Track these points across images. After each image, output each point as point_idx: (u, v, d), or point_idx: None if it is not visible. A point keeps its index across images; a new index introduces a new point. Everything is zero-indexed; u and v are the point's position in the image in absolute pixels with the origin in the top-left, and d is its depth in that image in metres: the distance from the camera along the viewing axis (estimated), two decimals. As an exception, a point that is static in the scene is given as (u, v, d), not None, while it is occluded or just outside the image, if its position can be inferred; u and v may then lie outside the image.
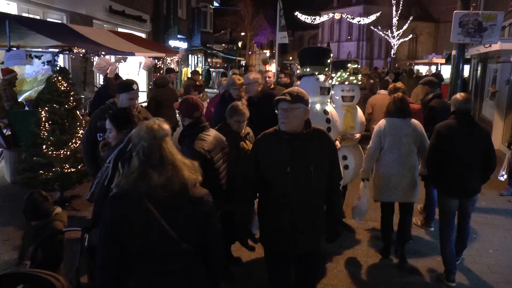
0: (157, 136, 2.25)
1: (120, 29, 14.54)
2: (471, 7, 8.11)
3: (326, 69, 5.35)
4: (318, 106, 5.11)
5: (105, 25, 14.01)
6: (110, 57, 10.23)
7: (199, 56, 30.07)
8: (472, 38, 6.77)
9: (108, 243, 2.23)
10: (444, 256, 4.78)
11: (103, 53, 8.98)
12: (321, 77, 5.22)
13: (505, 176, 7.88)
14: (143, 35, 16.94)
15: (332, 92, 5.65)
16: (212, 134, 3.92)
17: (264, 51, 57.95)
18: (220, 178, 3.91)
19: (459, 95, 4.78)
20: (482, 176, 4.79)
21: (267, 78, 7.62)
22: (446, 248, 4.76)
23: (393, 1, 43.86)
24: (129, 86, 4.55)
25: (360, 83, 5.83)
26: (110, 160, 3.06)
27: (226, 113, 4.37)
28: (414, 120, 5.05)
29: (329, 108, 5.27)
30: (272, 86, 7.62)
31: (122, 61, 11.16)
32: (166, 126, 2.32)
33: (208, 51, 30.68)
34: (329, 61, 5.41)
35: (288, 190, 3.10)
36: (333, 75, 5.67)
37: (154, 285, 2.26)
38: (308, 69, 5.33)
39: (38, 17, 10.63)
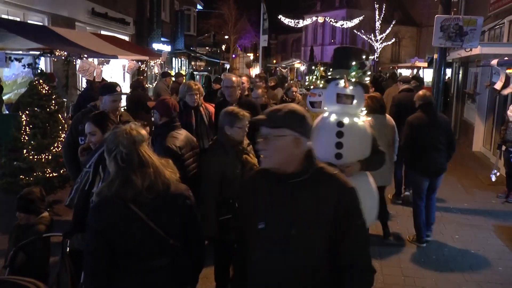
0: (136, 141, 2.28)
1: (103, 32, 14.40)
2: (452, 12, 8.23)
3: (354, 73, 4.30)
4: (332, 117, 4.00)
5: (87, 28, 13.88)
6: (93, 60, 10.13)
7: (182, 59, 29.96)
8: (453, 42, 6.88)
9: (96, 251, 2.25)
10: (417, 224, 5.78)
11: (85, 56, 8.89)
12: (342, 82, 4.08)
13: (498, 174, 8.07)
14: (126, 38, 16.81)
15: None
16: (183, 133, 4.05)
17: (248, 54, 58.01)
18: (189, 176, 3.92)
19: (421, 92, 5.85)
20: (447, 156, 5.75)
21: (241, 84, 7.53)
22: (420, 217, 5.75)
23: (376, 5, 44.30)
24: (112, 88, 4.55)
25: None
26: (90, 164, 3.04)
27: (223, 122, 3.77)
28: (388, 115, 5.99)
29: (349, 121, 3.95)
30: (247, 93, 7.39)
31: (105, 63, 11.06)
32: (143, 131, 2.36)
33: (192, 54, 30.58)
34: (356, 63, 4.44)
35: (257, 256, 2.15)
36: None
37: (143, 281, 2.30)
38: (330, 73, 4.55)
39: (18, 19, 10.47)
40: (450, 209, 7.31)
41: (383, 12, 43.87)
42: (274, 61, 57.80)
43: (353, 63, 4.29)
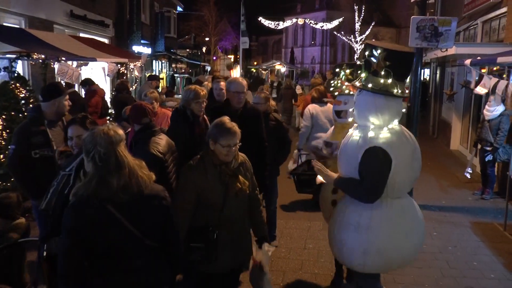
0: (113, 141, 2.30)
1: (82, 34, 14.24)
2: (428, 13, 8.38)
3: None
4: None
5: (66, 30, 13.71)
6: (72, 62, 10.04)
7: (163, 61, 29.82)
8: (429, 43, 6.99)
9: (71, 252, 2.26)
10: None
11: (63, 58, 8.80)
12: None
13: (471, 172, 8.22)
14: (106, 40, 16.65)
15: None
16: (164, 138, 3.96)
17: (229, 56, 58.01)
18: (171, 181, 3.87)
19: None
20: None
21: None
22: None
23: (355, 7, 44.74)
24: (61, 88, 4.45)
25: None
26: (71, 168, 3.02)
27: (209, 135, 3.33)
28: (329, 105, 6.10)
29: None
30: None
31: (83, 66, 10.96)
32: (120, 132, 2.38)
33: (172, 57, 30.45)
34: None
35: None
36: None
37: (119, 281, 2.32)
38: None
39: (-6, 22, 10.31)
40: (429, 206, 7.44)
41: (363, 13, 44.34)
42: (255, 63, 57.92)
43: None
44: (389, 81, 3.32)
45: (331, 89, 5.03)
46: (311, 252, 5.63)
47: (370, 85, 3.35)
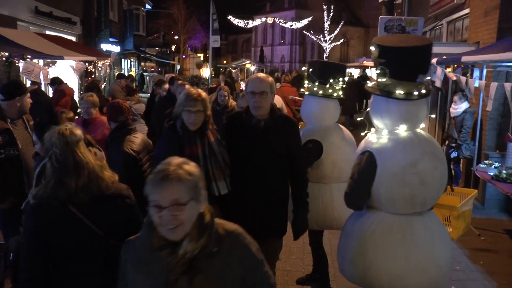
0: (69, 142, 2.27)
1: (47, 32, 13.91)
2: (395, 13, 8.55)
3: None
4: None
5: (31, 27, 13.37)
6: (38, 61, 9.81)
7: (132, 60, 29.48)
8: (397, 42, 7.15)
9: (33, 255, 2.23)
10: None
11: (29, 56, 8.59)
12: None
13: None
14: (73, 38, 16.33)
15: None
16: (139, 136, 3.95)
17: (198, 54, 57.71)
18: (146, 180, 3.85)
19: None
20: None
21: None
22: None
23: (324, 6, 45.20)
24: (24, 86, 4.37)
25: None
26: (36, 171, 3.01)
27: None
28: None
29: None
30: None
31: (51, 65, 10.72)
32: (78, 131, 2.34)
33: (142, 55, 30.12)
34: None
35: None
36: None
37: (86, 283, 2.29)
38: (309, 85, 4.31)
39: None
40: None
41: (332, 13, 44.83)
42: (225, 62, 57.79)
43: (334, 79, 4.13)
44: (384, 79, 2.97)
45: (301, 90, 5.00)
46: (283, 250, 5.67)
47: (370, 84, 3.13)
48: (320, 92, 4.14)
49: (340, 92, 4.26)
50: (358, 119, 3.93)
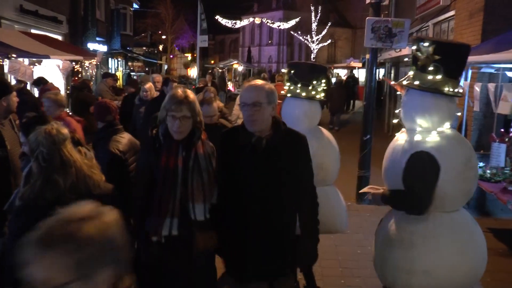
0: (56, 141, 2.26)
1: (33, 31, 13.77)
2: (382, 15, 8.63)
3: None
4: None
5: (15, 26, 13.21)
6: (23, 60, 9.71)
7: (119, 59, 29.25)
8: (384, 43, 7.21)
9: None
10: None
11: (14, 55, 8.50)
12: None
13: None
14: (60, 37, 16.18)
15: None
16: (126, 136, 3.92)
17: (186, 54, 57.51)
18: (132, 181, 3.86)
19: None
20: None
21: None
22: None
23: (312, 7, 45.36)
24: (8, 84, 4.32)
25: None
26: (24, 171, 2.98)
27: None
28: None
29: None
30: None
31: (36, 64, 10.62)
32: (64, 130, 2.34)
33: (129, 55, 29.93)
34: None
35: None
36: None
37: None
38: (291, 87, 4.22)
39: None
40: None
41: (319, 14, 45.01)
42: (212, 62, 57.68)
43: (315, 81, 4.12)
44: (438, 77, 2.91)
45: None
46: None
47: (416, 82, 2.98)
48: (303, 94, 4.08)
49: (322, 94, 4.23)
50: (394, 121, 3.70)
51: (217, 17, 40.14)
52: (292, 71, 4.20)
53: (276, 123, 2.81)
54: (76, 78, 12.33)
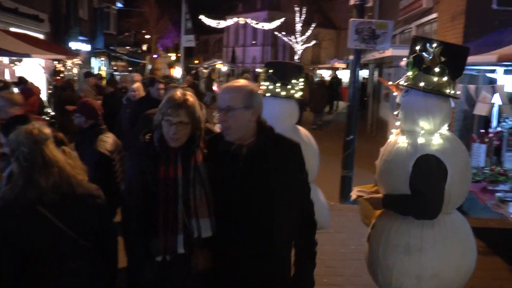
0: (37, 140, 2.24)
1: (13, 29, 13.55)
2: (366, 16, 8.70)
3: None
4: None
5: (-5, 24, 13.03)
6: (2, 58, 9.58)
7: (102, 59, 28.99)
8: (367, 45, 7.28)
9: (3, 258, 2.18)
10: None
11: (-7, 54, 8.40)
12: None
13: None
14: (41, 36, 15.97)
15: None
16: (111, 136, 3.90)
17: (170, 54, 57.21)
18: (118, 181, 3.81)
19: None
20: None
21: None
22: None
23: (296, 8, 45.48)
24: None
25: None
26: (6, 172, 2.95)
27: None
28: None
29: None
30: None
31: (16, 63, 10.48)
32: (46, 130, 2.32)
33: (112, 54, 29.69)
34: None
35: None
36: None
37: (54, 285, 2.26)
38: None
39: None
40: (367, 202, 7.71)
41: (304, 14, 45.13)
42: (196, 62, 57.47)
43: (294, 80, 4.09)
44: (444, 79, 2.91)
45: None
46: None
47: (422, 84, 2.93)
48: (283, 93, 4.04)
49: (300, 93, 4.21)
50: (397, 123, 3.51)
51: (201, 17, 40.01)
52: (271, 70, 4.15)
53: (262, 129, 2.46)
54: (59, 77, 12.19)
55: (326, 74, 32.29)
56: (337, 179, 7.88)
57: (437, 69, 2.89)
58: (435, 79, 2.90)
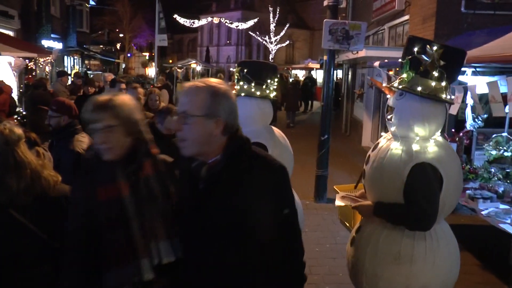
0: (9, 141, 2.18)
1: (-18, 26, 13.26)
2: (339, 17, 8.81)
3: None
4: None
5: (-36, 21, 12.70)
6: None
7: (75, 57, 28.51)
8: (341, 45, 7.38)
9: None
10: None
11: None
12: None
13: None
14: (11, 33, 15.62)
15: None
16: (86, 136, 3.81)
17: (144, 53, 56.64)
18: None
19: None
20: None
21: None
22: None
23: (270, 8, 45.64)
24: None
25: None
26: None
27: None
28: None
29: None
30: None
31: (-14, 61, 10.23)
32: (18, 131, 2.26)
33: (85, 53, 29.22)
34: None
35: None
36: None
37: None
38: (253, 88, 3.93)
39: None
40: (342, 200, 7.81)
41: (278, 15, 45.32)
42: (170, 61, 57.02)
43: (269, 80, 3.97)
44: (443, 84, 2.76)
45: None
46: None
47: (419, 88, 2.76)
48: (258, 93, 3.92)
49: (275, 93, 4.14)
50: (392, 129, 3.27)
51: (175, 16, 39.75)
52: (245, 70, 4.02)
53: (232, 145, 1.92)
54: (30, 76, 11.94)
55: (301, 74, 32.48)
56: (312, 178, 7.96)
57: (435, 73, 2.74)
58: (433, 83, 2.75)
